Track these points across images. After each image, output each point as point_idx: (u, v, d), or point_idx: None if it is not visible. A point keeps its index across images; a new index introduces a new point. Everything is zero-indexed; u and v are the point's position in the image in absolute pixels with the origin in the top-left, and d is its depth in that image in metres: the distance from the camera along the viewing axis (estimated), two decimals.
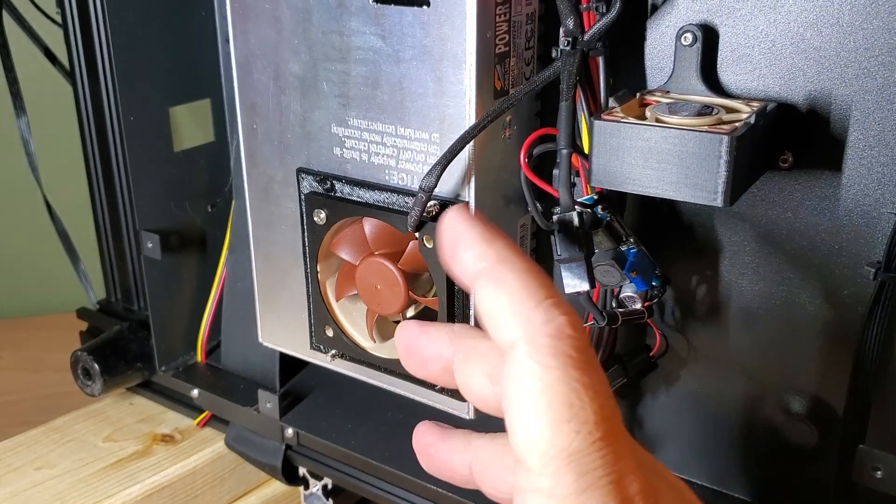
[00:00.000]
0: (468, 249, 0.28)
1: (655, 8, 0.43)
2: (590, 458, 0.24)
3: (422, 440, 0.33)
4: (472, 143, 0.41)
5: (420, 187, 0.42)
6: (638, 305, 0.45)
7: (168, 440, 0.67)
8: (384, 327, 0.51)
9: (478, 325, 0.29)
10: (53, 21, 0.68)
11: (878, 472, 0.41)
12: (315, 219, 0.48)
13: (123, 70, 0.60)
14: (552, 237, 0.40)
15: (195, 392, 0.65)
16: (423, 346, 0.31)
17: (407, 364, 0.32)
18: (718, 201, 0.36)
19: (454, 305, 0.45)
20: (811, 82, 0.40)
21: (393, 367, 0.49)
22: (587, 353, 0.25)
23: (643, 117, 0.39)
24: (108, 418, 0.70)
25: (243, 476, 0.68)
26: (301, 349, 0.54)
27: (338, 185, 0.47)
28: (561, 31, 0.40)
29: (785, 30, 0.40)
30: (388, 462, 0.55)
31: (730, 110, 0.39)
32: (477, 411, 0.48)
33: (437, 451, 0.32)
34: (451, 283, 0.45)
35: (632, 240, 0.43)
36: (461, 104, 0.42)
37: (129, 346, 0.68)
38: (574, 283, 0.40)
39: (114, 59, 0.60)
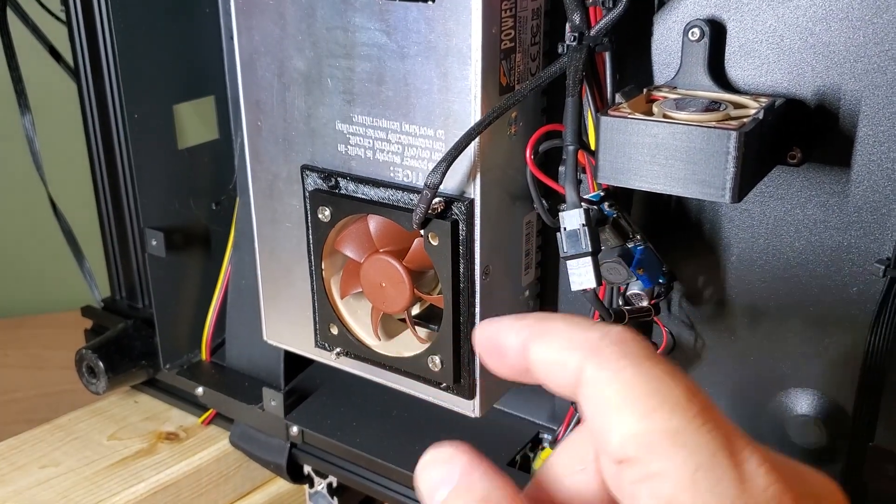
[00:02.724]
0: (509, 334, 0.28)
1: (662, 3, 0.43)
2: (694, 435, 0.23)
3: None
4: (477, 139, 0.41)
5: (425, 184, 0.42)
6: (644, 303, 0.44)
7: (173, 438, 0.67)
8: (389, 325, 0.50)
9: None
10: (58, 19, 0.68)
11: (889, 471, 0.41)
12: (319, 216, 0.48)
13: (127, 68, 0.60)
14: (558, 234, 0.40)
15: (200, 390, 0.65)
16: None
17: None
18: (726, 197, 0.36)
19: (459, 303, 0.45)
20: (820, 77, 0.40)
21: (397, 365, 0.49)
22: (652, 350, 0.25)
23: (650, 113, 0.39)
24: (113, 416, 0.70)
25: (248, 474, 0.67)
26: (305, 347, 0.54)
27: (342, 183, 0.47)
28: (567, 26, 0.40)
29: (793, 24, 0.39)
30: (393, 460, 0.55)
31: (737, 106, 0.39)
32: (482, 409, 0.48)
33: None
34: (456, 280, 0.45)
35: (638, 237, 0.43)
36: (466, 100, 0.41)
37: (134, 344, 0.68)
38: (580, 280, 0.40)
39: (118, 56, 0.60)
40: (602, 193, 0.42)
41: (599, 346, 0.25)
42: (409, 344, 0.49)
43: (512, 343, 0.28)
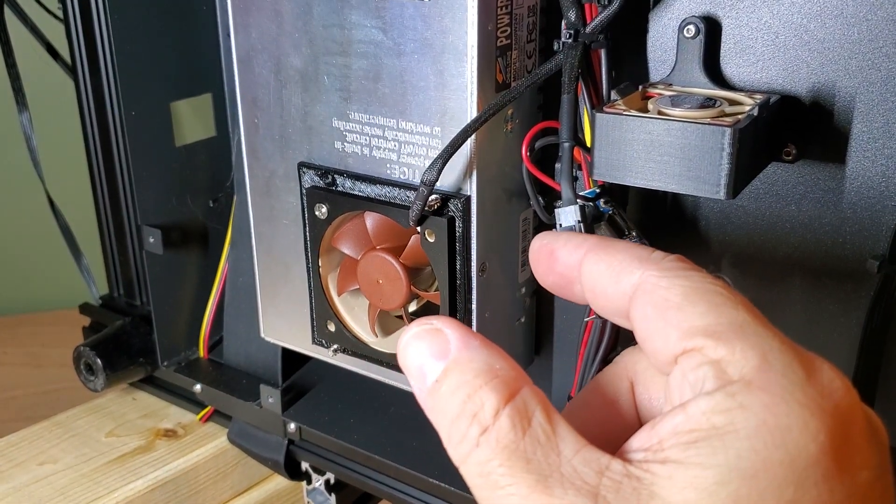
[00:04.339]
0: (565, 246, 0.27)
1: (658, 0, 0.43)
2: (759, 327, 0.23)
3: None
4: (473, 136, 0.41)
5: (422, 181, 0.42)
6: None
7: (171, 435, 0.67)
8: (386, 322, 0.50)
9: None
10: (55, 16, 0.68)
11: None
12: (316, 213, 0.48)
13: (125, 65, 0.60)
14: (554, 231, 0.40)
15: (197, 387, 0.65)
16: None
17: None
18: (721, 194, 0.36)
19: (456, 299, 0.45)
20: (815, 74, 0.40)
21: (395, 362, 0.49)
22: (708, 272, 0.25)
23: (646, 110, 0.39)
24: (111, 413, 0.70)
25: (246, 471, 0.68)
26: (303, 344, 0.54)
27: (339, 180, 0.47)
28: (563, 23, 0.40)
29: (788, 21, 0.40)
30: (391, 457, 0.55)
31: (733, 102, 0.39)
32: None
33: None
34: (452, 277, 0.45)
35: (634, 233, 0.43)
36: (463, 97, 0.42)
37: (132, 342, 0.68)
38: None
39: (115, 54, 0.60)
40: (598, 190, 0.42)
41: (662, 263, 0.25)
42: None
43: (567, 257, 0.27)
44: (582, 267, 0.27)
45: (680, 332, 0.23)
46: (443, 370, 0.24)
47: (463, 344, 0.24)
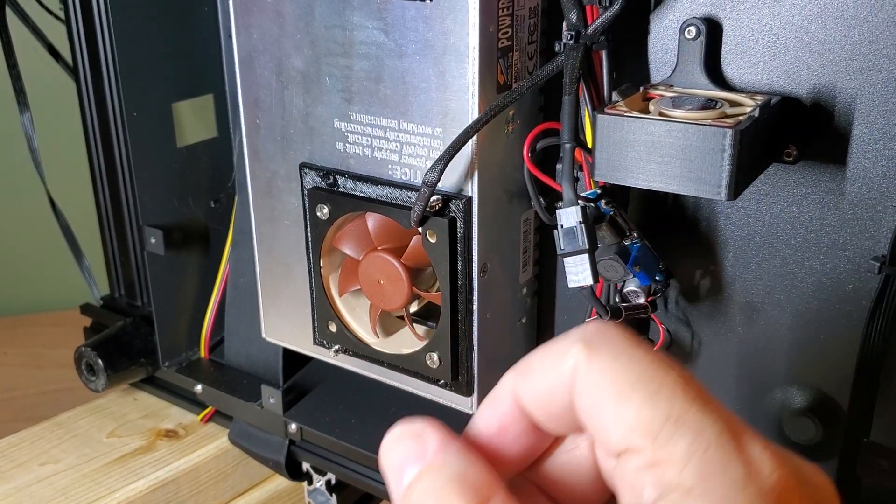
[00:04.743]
0: (495, 408, 0.26)
1: (659, 1, 0.43)
2: (697, 416, 0.22)
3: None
4: (475, 137, 0.41)
5: (423, 182, 0.42)
6: (641, 300, 0.45)
7: (172, 436, 0.67)
8: (387, 322, 0.51)
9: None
10: (57, 17, 0.68)
11: (883, 467, 0.41)
12: (318, 214, 0.48)
13: (126, 66, 0.60)
14: (555, 232, 0.40)
15: (199, 388, 0.65)
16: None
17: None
18: (722, 195, 0.36)
19: (457, 300, 0.45)
20: (815, 76, 0.40)
21: (396, 362, 0.49)
22: (638, 337, 0.24)
23: (647, 111, 0.39)
24: (112, 414, 0.70)
25: (247, 471, 0.68)
26: (304, 344, 0.54)
27: (341, 180, 0.47)
28: (564, 25, 0.40)
29: (788, 23, 0.40)
30: None
31: (733, 104, 0.39)
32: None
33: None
34: (454, 278, 0.45)
35: (635, 234, 0.43)
36: (464, 98, 0.42)
37: (133, 342, 0.68)
38: (577, 277, 0.40)
39: (117, 55, 0.60)
40: (599, 191, 0.42)
41: (585, 341, 0.24)
42: (408, 341, 0.49)
43: (502, 410, 0.26)
44: (521, 402, 0.25)
45: (619, 431, 0.23)
46: (416, 474, 0.24)
47: (440, 448, 0.24)
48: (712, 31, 0.41)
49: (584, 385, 0.24)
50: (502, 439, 0.26)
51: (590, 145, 0.40)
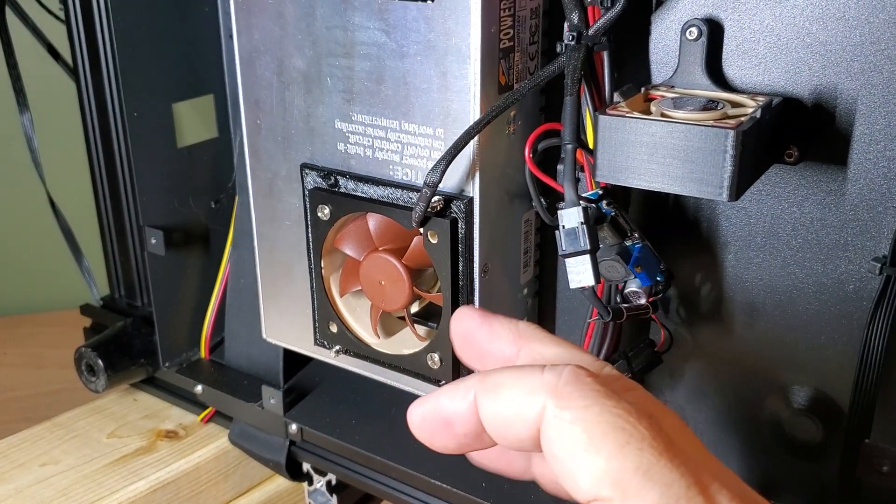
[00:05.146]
0: (451, 402, 0.27)
1: (660, 2, 0.43)
2: (666, 469, 0.23)
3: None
4: (476, 138, 0.41)
5: (424, 182, 0.42)
6: (642, 300, 0.45)
7: (172, 436, 0.67)
8: (388, 323, 0.51)
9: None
10: (57, 18, 0.68)
11: (884, 468, 0.41)
12: (319, 214, 0.48)
13: (127, 66, 0.60)
14: (557, 232, 0.40)
15: (199, 388, 0.65)
16: (483, 340, 0.29)
17: (462, 354, 0.29)
18: (724, 196, 0.36)
19: (459, 301, 0.45)
20: (817, 76, 0.40)
21: (397, 363, 0.49)
22: (610, 385, 0.24)
23: (648, 112, 0.39)
24: (112, 414, 0.70)
25: (247, 472, 0.68)
26: (305, 345, 0.54)
27: (342, 181, 0.47)
28: (565, 25, 0.40)
29: (790, 24, 0.40)
30: (393, 458, 0.55)
31: (735, 105, 0.39)
32: None
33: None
34: (455, 278, 0.45)
35: (636, 235, 0.43)
36: (465, 99, 0.42)
37: (133, 343, 0.68)
38: (579, 278, 0.40)
39: (117, 55, 0.60)
40: (600, 192, 0.42)
41: (557, 386, 0.24)
42: (408, 342, 0.49)
43: (458, 408, 0.26)
44: (480, 414, 0.26)
45: (588, 479, 0.23)
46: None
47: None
48: (714, 31, 0.41)
49: (555, 432, 0.24)
50: (449, 426, 0.27)
51: (591, 146, 0.40)
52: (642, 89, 0.42)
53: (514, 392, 0.25)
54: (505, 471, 0.31)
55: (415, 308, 0.50)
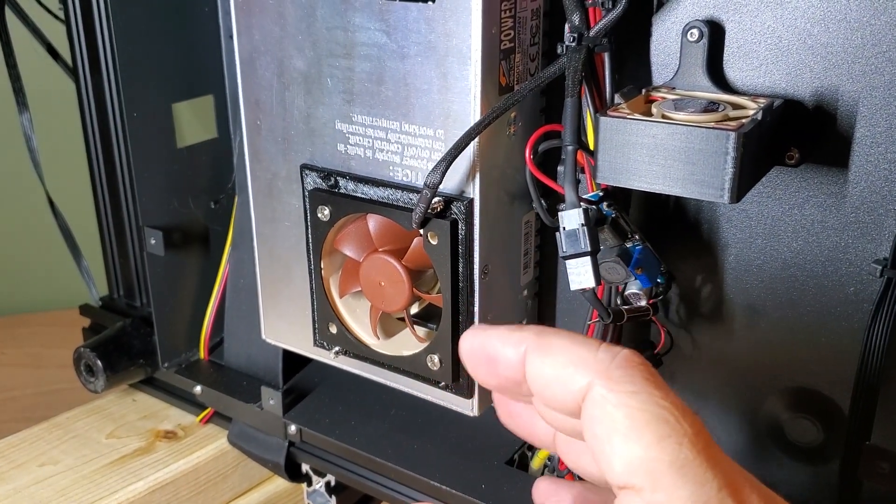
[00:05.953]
0: (503, 344, 0.27)
1: (661, 4, 0.43)
2: (701, 468, 0.23)
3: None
4: (476, 139, 0.41)
5: (425, 184, 0.42)
6: (643, 302, 0.45)
7: (171, 437, 0.67)
8: (388, 324, 0.50)
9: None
10: (56, 17, 0.68)
11: (885, 470, 0.41)
12: (319, 215, 0.48)
13: (126, 66, 0.60)
14: (557, 234, 0.40)
15: (198, 389, 0.65)
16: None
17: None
18: (725, 198, 0.36)
19: (458, 302, 0.45)
20: (818, 78, 0.40)
21: (396, 364, 0.49)
22: (659, 377, 0.25)
23: (649, 114, 0.39)
24: (111, 415, 0.70)
25: (246, 473, 0.68)
26: (304, 346, 0.54)
27: (342, 182, 0.47)
28: (566, 26, 0.40)
29: (791, 25, 0.40)
30: (392, 459, 0.55)
31: (736, 106, 0.39)
32: (481, 408, 0.48)
33: (517, 409, 0.30)
34: (455, 280, 0.45)
35: (637, 236, 0.43)
36: (466, 100, 0.42)
37: (132, 343, 0.68)
38: (579, 279, 0.40)
39: (117, 55, 0.60)
40: (601, 193, 0.42)
41: (609, 367, 0.24)
42: (408, 343, 0.49)
43: (507, 354, 0.27)
44: (526, 367, 0.26)
45: (623, 464, 0.23)
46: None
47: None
48: (715, 33, 0.41)
49: (599, 411, 0.24)
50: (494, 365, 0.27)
51: (592, 147, 0.40)
52: (643, 91, 0.42)
53: (565, 359, 0.25)
54: (530, 437, 0.31)
55: (414, 309, 0.50)
